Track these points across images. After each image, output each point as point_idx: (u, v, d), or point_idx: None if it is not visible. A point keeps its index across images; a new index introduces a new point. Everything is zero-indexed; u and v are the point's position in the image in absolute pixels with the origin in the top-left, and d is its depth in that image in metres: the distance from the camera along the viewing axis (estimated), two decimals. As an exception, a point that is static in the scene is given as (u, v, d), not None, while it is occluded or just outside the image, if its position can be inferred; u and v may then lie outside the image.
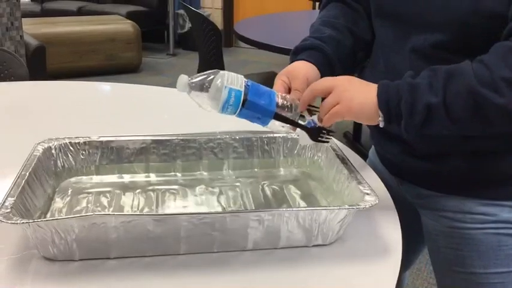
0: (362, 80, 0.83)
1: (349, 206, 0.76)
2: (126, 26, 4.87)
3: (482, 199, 0.89)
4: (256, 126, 0.99)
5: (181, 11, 5.54)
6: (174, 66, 5.18)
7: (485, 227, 0.89)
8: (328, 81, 0.82)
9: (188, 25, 5.53)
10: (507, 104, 0.72)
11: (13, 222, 0.67)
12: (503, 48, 0.74)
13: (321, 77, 0.91)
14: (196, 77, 0.78)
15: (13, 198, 0.72)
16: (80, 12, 5.58)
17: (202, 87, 0.77)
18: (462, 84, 0.74)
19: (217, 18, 5.80)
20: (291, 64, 0.93)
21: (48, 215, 0.82)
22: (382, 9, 0.93)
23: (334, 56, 0.94)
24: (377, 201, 0.76)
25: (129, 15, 5.25)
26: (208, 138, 0.96)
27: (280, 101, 0.81)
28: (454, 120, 0.76)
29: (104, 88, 1.63)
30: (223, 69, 2.58)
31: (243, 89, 0.78)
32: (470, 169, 0.88)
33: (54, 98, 1.46)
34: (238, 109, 0.78)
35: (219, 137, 0.97)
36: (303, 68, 0.91)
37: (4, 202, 0.71)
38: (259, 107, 0.79)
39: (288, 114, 0.82)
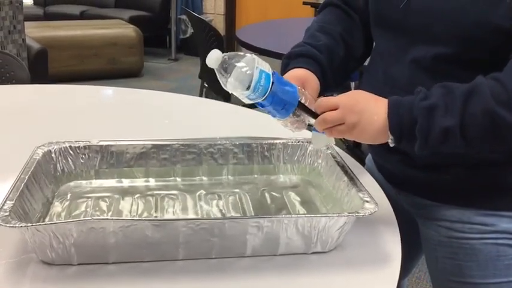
0: (368, 97, 0.81)
1: (349, 213, 0.76)
2: (129, 31, 4.88)
3: (482, 209, 0.88)
4: (256, 133, 1.00)
5: (184, 16, 5.55)
6: (175, 71, 5.19)
7: (484, 237, 0.89)
8: (334, 99, 0.80)
9: (190, 30, 5.55)
10: None
11: (11, 225, 0.67)
12: None
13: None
14: (228, 54, 0.78)
15: (12, 202, 0.72)
16: (82, 16, 5.60)
17: (234, 64, 0.76)
18: (479, 105, 0.73)
19: (220, 24, 5.82)
20: (300, 70, 0.91)
21: (47, 219, 0.82)
22: (382, 18, 0.92)
23: (327, 66, 0.94)
24: (376, 209, 0.76)
25: (132, 20, 5.26)
26: (208, 143, 0.96)
27: (300, 94, 0.81)
28: (468, 140, 0.75)
29: (105, 92, 1.63)
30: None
31: (271, 73, 0.77)
32: (469, 180, 0.88)
33: (55, 101, 1.46)
34: (268, 91, 0.77)
35: (219, 142, 0.97)
36: (314, 80, 0.90)
37: (3, 205, 0.71)
38: (286, 92, 0.79)
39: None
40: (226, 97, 2.72)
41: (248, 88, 0.76)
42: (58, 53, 4.32)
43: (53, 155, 0.91)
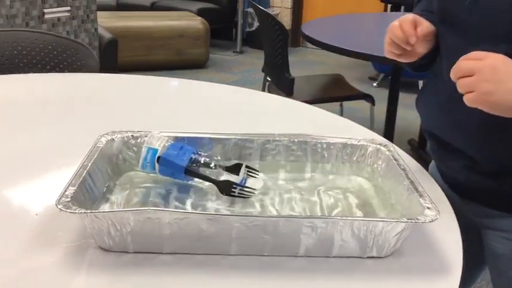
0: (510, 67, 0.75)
1: (408, 219, 0.73)
2: (196, 23, 4.95)
3: None
4: (316, 130, 0.98)
5: (250, 9, 5.57)
6: (240, 64, 5.22)
7: None
8: (475, 63, 0.75)
9: (256, 24, 5.56)
10: None
11: (72, 211, 0.69)
12: None
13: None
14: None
15: (74, 188, 0.75)
16: (153, 7, 5.74)
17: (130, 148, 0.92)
18: None
19: (286, 18, 5.80)
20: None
21: (107, 206, 0.84)
22: (447, 15, 0.89)
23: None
24: (438, 217, 0.73)
25: (200, 12, 5.34)
26: (266, 139, 0.95)
27: (199, 158, 0.88)
28: None
29: (169, 83, 1.66)
30: (287, 68, 2.58)
31: (159, 148, 0.87)
32: None
33: (121, 91, 1.50)
34: (156, 166, 0.87)
35: (277, 138, 0.96)
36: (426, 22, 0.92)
37: (65, 191, 0.73)
38: (171, 163, 0.87)
39: (208, 170, 0.88)
40: (289, 92, 2.70)
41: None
42: (128, 43, 4.45)
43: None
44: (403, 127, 3.41)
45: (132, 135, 0.95)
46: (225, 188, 0.85)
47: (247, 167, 0.91)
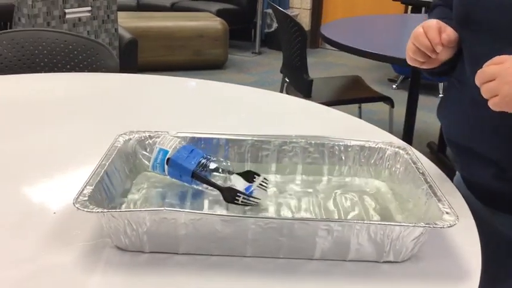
0: None
1: (426, 224, 0.72)
2: (215, 24, 4.97)
3: None
4: (333, 132, 0.98)
5: (269, 10, 5.57)
6: (258, 65, 5.22)
7: None
8: (496, 68, 0.75)
9: (275, 25, 5.56)
10: None
11: (89, 210, 0.70)
12: None
13: None
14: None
15: (91, 187, 0.75)
16: (173, 8, 5.77)
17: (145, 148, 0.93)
18: None
19: (305, 19, 5.78)
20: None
21: (124, 206, 0.84)
22: (471, 19, 0.87)
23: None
24: (457, 222, 0.72)
25: (219, 13, 5.36)
26: (283, 141, 0.95)
27: (208, 163, 0.87)
28: None
29: (188, 84, 1.67)
30: (306, 70, 2.57)
31: (170, 150, 0.87)
32: None
33: (140, 91, 1.51)
34: (165, 167, 0.87)
35: (294, 140, 0.95)
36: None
37: (82, 190, 0.74)
38: (179, 166, 0.86)
39: (217, 175, 0.87)
40: (307, 94, 2.69)
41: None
42: (148, 43, 4.48)
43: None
44: (423, 130, 3.38)
45: (149, 135, 0.95)
46: (229, 196, 0.84)
47: (264, 178, 0.88)
